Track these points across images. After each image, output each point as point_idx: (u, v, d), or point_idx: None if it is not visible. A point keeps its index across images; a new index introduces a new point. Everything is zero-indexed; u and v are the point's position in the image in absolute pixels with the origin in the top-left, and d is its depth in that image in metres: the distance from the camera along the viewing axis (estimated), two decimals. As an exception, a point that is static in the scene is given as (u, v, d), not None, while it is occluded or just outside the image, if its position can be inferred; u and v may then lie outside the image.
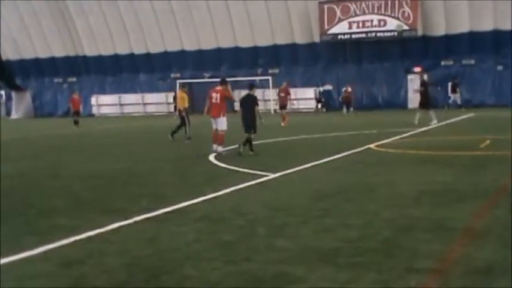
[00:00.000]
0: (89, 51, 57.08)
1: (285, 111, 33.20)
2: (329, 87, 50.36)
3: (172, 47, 54.04)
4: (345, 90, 44.43)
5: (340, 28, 49.07)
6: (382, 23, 48.18)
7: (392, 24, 47.64)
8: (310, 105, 50.50)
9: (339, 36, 49.34)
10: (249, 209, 9.38)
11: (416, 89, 31.23)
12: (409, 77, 48.44)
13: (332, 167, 14.47)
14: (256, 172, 13.38)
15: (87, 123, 39.92)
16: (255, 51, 51.87)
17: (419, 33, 47.54)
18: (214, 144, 18.15)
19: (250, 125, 17.56)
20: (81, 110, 39.61)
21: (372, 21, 48.44)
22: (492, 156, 15.43)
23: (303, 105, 50.41)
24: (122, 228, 8.33)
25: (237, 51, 52.29)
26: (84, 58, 57.64)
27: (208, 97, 18.68)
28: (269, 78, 48.97)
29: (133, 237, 7.85)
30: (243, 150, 17.31)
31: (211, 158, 16.89)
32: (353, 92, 46.61)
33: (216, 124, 18.38)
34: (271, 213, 9.02)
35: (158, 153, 19.32)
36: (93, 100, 57.11)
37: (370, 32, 48.62)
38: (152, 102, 55.73)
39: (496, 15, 45.24)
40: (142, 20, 53.62)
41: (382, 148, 18.17)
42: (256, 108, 17.68)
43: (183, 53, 54.09)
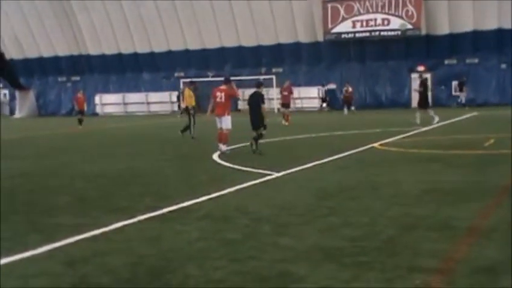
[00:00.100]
0: (93, 50, 57.15)
1: (288, 110, 33.20)
2: (333, 86, 50.35)
3: (176, 46, 54.07)
4: (345, 90, 44.35)
5: (343, 27, 49.06)
6: (385, 22, 48.16)
7: (396, 23, 47.62)
8: (313, 104, 50.53)
9: (343, 35, 49.34)
10: (253, 207, 9.37)
11: (416, 89, 31.14)
12: (413, 76, 48.28)
13: (336, 165, 14.46)
14: (260, 171, 13.37)
15: (91, 122, 39.95)
16: (259, 50, 51.89)
17: (423, 32, 47.52)
18: (220, 144, 18.14)
19: (257, 123, 17.57)
20: (86, 109, 39.59)
21: (376, 20, 48.43)
22: (496, 155, 15.41)
23: (306, 104, 50.45)
24: (126, 227, 8.32)
25: (240, 50, 52.32)
26: (87, 57, 57.73)
27: (213, 96, 18.68)
28: (273, 77, 48.95)
29: (137, 236, 7.84)
30: (255, 148, 17.34)
31: (215, 157, 16.88)
32: (353, 91, 46.45)
33: (220, 123, 18.37)
34: (275, 212, 9.01)
35: (162, 152, 19.32)
36: (97, 99, 57.14)
37: (374, 31, 48.61)
38: (156, 101, 55.74)
39: (500, 14, 45.20)
40: (146, 19, 53.66)
41: (385, 147, 18.15)
42: (263, 106, 17.67)
43: (186, 52, 54.12)
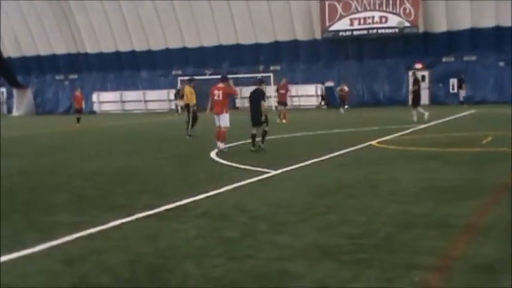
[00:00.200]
0: (90, 48, 57.10)
1: (285, 108, 33.19)
2: (330, 84, 50.35)
3: (174, 44, 54.04)
4: (341, 89, 44.32)
5: (341, 25, 49.04)
6: (383, 20, 48.16)
7: (393, 20, 47.64)
8: (311, 102, 50.54)
9: (340, 33, 49.33)
10: (251, 205, 9.37)
11: (411, 89, 31.04)
12: (411, 73, 48.37)
13: (334, 163, 14.46)
14: (258, 169, 13.37)
15: (89, 120, 39.91)
16: (257, 48, 51.87)
17: (420, 29, 47.52)
18: (218, 141, 18.13)
19: (258, 119, 17.60)
20: (84, 107, 39.59)
21: (373, 17, 48.42)
22: (494, 153, 15.41)
23: (304, 102, 50.45)
24: (124, 225, 8.32)
25: (238, 48, 52.30)
26: (85, 55, 57.69)
27: (211, 94, 18.68)
28: (270, 75, 48.93)
29: (135, 234, 7.84)
30: (261, 143, 17.43)
31: (213, 155, 16.88)
32: (350, 90, 46.28)
33: (219, 121, 18.38)
34: (273, 210, 9.01)
35: (160, 150, 19.30)
36: (95, 97, 57.10)
37: (372, 28, 48.60)
38: (154, 99, 55.71)
39: (498, 12, 45.21)
40: (144, 16, 53.63)
41: (383, 145, 18.16)
42: (263, 103, 17.69)
43: (184, 50, 54.10)
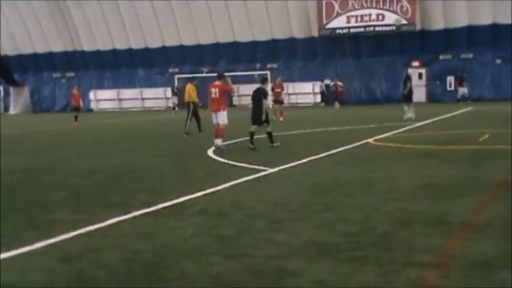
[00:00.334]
0: (87, 46, 57.01)
1: (282, 106, 33.17)
2: (327, 82, 50.34)
3: (171, 42, 53.98)
4: (334, 84, 44.26)
5: (338, 22, 49.01)
6: (380, 17, 48.14)
7: (390, 18, 47.63)
8: (308, 99, 50.54)
9: (338, 31, 49.29)
10: (248, 203, 9.38)
11: (408, 86, 30.71)
12: (408, 71, 48.38)
13: (331, 161, 14.47)
14: (255, 167, 13.37)
15: (86, 118, 39.85)
16: (254, 45, 51.84)
17: (417, 27, 47.51)
18: (216, 139, 18.12)
19: (258, 118, 17.64)
20: (81, 104, 39.54)
21: (371, 15, 48.40)
22: (491, 151, 15.42)
23: (301, 99, 50.45)
24: (121, 223, 8.33)
25: (235, 46, 52.26)
26: (82, 53, 57.58)
27: (208, 92, 18.71)
28: (267, 72, 48.89)
29: (132, 232, 7.84)
30: (271, 141, 17.57)
31: (210, 152, 16.88)
32: (343, 87, 46.17)
33: (216, 118, 18.39)
34: (270, 208, 9.02)
35: (157, 148, 19.30)
36: (92, 95, 57.03)
37: (369, 26, 48.58)
38: (151, 97, 55.69)
39: (495, 9, 45.22)
40: (141, 14, 53.57)
41: (380, 142, 18.17)
42: (264, 102, 17.73)
43: (181, 48, 54.05)
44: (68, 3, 55.48)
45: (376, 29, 48.46)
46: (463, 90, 44.84)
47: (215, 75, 20.57)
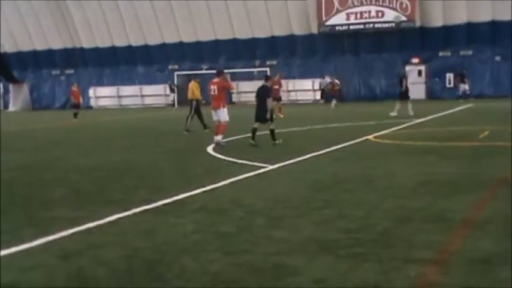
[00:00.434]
0: (87, 43, 56.99)
1: (280, 103, 33.14)
2: (328, 79, 50.29)
3: (170, 38, 53.97)
4: (331, 82, 44.16)
5: (338, 19, 49.03)
6: (380, 14, 48.15)
7: (390, 15, 47.65)
8: (307, 96, 50.54)
9: (337, 28, 49.31)
10: (248, 200, 9.37)
11: (405, 84, 30.74)
12: (407, 68, 48.39)
13: (331, 158, 14.46)
14: (255, 163, 13.36)
15: (85, 115, 39.83)
16: (253, 42, 51.83)
17: (417, 24, 47.52)
18: (216, 136, 18.10)
19: (260, 115, 17.63)
20: (81, 102, 39.50)
21: (370, 12, 48.41)
22: (491, 147, 15.42)
23: (300, 96, 50.45)
24: (121, 220, 8.32)
25: (235, 42, 52.25)
26: (81, 50, 57.57)
27: (208, 90, 18.74)
28: (267, 69, 48.87)
29: (131, 229, 7.84)
30: (274, 140, 17.56)
31: (210, 149, 16.87)
32: (341, 84, 46.06)
33: (216, 116, 18.37)
34: (270, 205, 9.01)
35: (157, 145, 19.30)
36: (91, 92, 57.02)
37: (368, 23, 48.59)
38: (150, 94, 55.67)
39: (494, 6, 45.21)
40: (140, 11, 53.54)
41: (380, 139, 18.16)
42: (268, 100, 17.72)
43: (181, 45, 54.02)
44: (67, 1, 55.42)
45: (376, 25, 48.48)
46: (464, 87, 44.79)
47: (215, 72, 20.55)
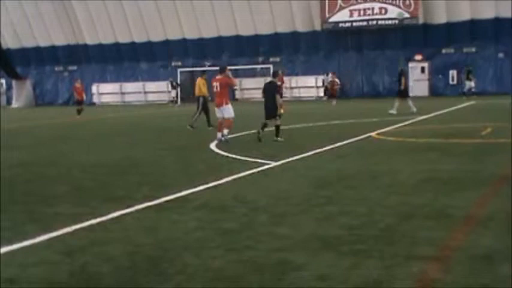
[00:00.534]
0: (90, 40, 57.02)
1: (281, 100, 33.12)
2: (332, 77, 50.27)
3: (173, 35, 53.97)
4: (331, 81, 44.09)
5: (341, 16, 49.01)
6: (383, 11, 48.11)
7: (393, 12, 47.61)
8: (310, 93, 50.52)
9: (340, 25, 49.29)
10: (251, 197, 9.38)
11: (403, 82, 30.58)
12: (410, 65, 48.38)
13: (333, 155, 14.46)
14: (258, 160, 13.36)
15: (88, 111, 39.84)
16: (256, 39, 51.81)
17: (420, 21, 47.47)
18: (219, 133, 18.10)
19: (271, 112, 17.61)
20: (85, 98, 39.54)
21: (373, 9, 48.37)
22: (493, 144, 15.41)
23: (303, 93, 50.43)
24: (123, 217, 8.32)
25: (238, 39, 52.23)
26: (84, 46, 57.60)
27: (211, 87, 18.77)
28: (270, 66, 48.86)
29: (134, 225, 7.84)
30: (276, 136, 17.55)
31: (213, 146, 16.87)
32: (340, 82, 45.92)
33: (220, 113, 18.36)
34: (272, 201, 9.01)
35: (159, 141, 19.31)
36: (94, 89, 57.05)
37: (371, 20, 48.57)
38: (153, 91, 55.68)
39: (497, 4, 45.14)
40: (143, 8, 53.52)
41: (382, 136, 18.15)
42: (277, 96, 17.70)
43: (184, 42, 54.02)
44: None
45: (379, 22, 48.43)
46: (470, 84, 44.70)
47: (217, 68, 20.55)
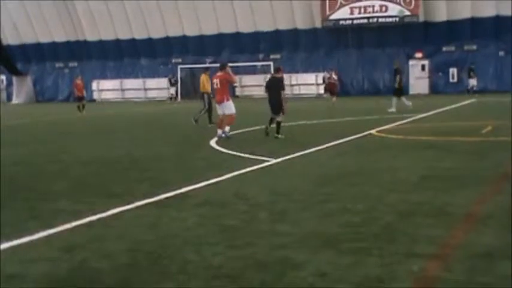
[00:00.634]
0: (90, 36, 57.00)
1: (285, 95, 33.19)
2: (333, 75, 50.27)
3: (174, 32, 53.96)
4: (329, 77, 44.08)
5: (341, 14, 49.00)
6: (383, 9, 48.10)
7: (393, 9, 47.60)
8: (311, 90, 50.52)
9: (341, 22, 49.29)
10: (251, 194, 9.37)
11: (398, 80, 30.39)
12: (411, 62, 48.39)
13: (334, 152, 14.46)
14: (259, 157, 13.35)
15: (88, 108, 39.83)
16: (257, 36, 51.80)
17: (420, 19, 47.47)
18: (219, 130, 18.09)
19: (277, 108, 17.60)
20: (85, 94, 39.52)
21: (374, 6, 48.37)
22: (494, 142, 15.41)
23: (304, 90, 50.44)
24: (123, 213, 8.31)
25: (238, 36, 52.23)
26: (85, 43, 57.59)
27: (212, 84, 18.78)
28: (270, 63, 48.85)
29: (134, 222, 7.84)
30: (277, 132, 17.48)
31: (213, 143, 16.87)
32: (338, 79, 45.87)
33: (221, 110, 18.36)
34: (273, 198, 9.01)
35: (159, 138, 19.31)
36: (94, 85, 57.06)
37: (372, 17, 48.57)
38: (153, 88, 55.69)
39: (498, 1, 45.12)
40: (144, 4, 53.50)
41: (383, 134, 18.15)
42: (282, 92, 17.65)
43: (184, 38, 54.00)
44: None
45: (380, 20, 48.44)
46: (472, 82, 44.68)
47: (218, 65, 20.56)
